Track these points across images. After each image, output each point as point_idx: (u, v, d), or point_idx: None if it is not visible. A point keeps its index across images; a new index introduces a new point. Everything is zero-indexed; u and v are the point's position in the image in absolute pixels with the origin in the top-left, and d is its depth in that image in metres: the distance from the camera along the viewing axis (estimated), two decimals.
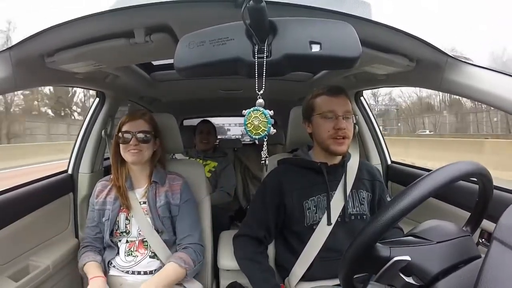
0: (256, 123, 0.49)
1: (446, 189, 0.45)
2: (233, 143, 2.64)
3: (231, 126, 7.91)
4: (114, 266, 1.06)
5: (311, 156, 1.06)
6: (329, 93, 0.99)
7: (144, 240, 1.06)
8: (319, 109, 0.99)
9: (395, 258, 0.46)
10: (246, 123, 0.49)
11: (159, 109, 2.07)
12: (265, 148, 0.53)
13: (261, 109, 0.49)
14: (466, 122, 21.79)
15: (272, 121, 0.49)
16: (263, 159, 0.53)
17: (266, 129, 0.49)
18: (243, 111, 0.50)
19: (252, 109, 0.49)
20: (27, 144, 13.36)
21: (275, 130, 0.50)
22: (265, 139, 0.50)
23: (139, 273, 1.04)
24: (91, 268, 1.02)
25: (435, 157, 8.62)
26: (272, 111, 0.49)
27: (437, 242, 0.49)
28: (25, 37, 0.72)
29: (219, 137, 2.74)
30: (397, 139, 15.02)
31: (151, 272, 1.04)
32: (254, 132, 0.49)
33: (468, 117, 21.56)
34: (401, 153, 9.18)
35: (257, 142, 0.52)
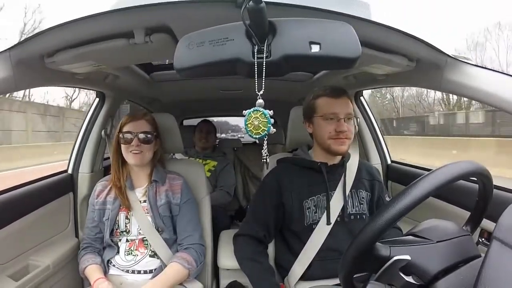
0: (256, 123, 0.50)
1: (446, 188, 0.45)
2: (233, 143, 2.64)
3: None
4: (114, 265, 1.06)
5: (311, 156, 1.06)
6: (331, 95, 0.98)
7: (144, 239, 1.06)
8: (320, 111, 0.98)
9: (395, 258, 0.47)
10: (247, 123, 0.50)
11: (159, 109, 2.07)
12: (265, 147, 0.54)
13: (261, 109, 0.50)
14: None
15: (272, 120, 0.50)
16: (264, 157, 0.54)
17: (266, 128, 0.50)
18: (243, 111, 0.51)
19: (252, 109, 0.50)
20: None
21: (274, 130, 0.51)
22: (265, 138, 0.51)
23: (139, 272, 1.04)
24: (92, 271, 1.02)
25: None
26: (272, 111, 0.50)
27: (437, 242, 0.49)
28: (25, 38, 0.72)
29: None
30: None
31: (151, 272, 1.04)
32: (254, 132, 0.50)
33: None
34: None
35: (257, 141, 0.53)
